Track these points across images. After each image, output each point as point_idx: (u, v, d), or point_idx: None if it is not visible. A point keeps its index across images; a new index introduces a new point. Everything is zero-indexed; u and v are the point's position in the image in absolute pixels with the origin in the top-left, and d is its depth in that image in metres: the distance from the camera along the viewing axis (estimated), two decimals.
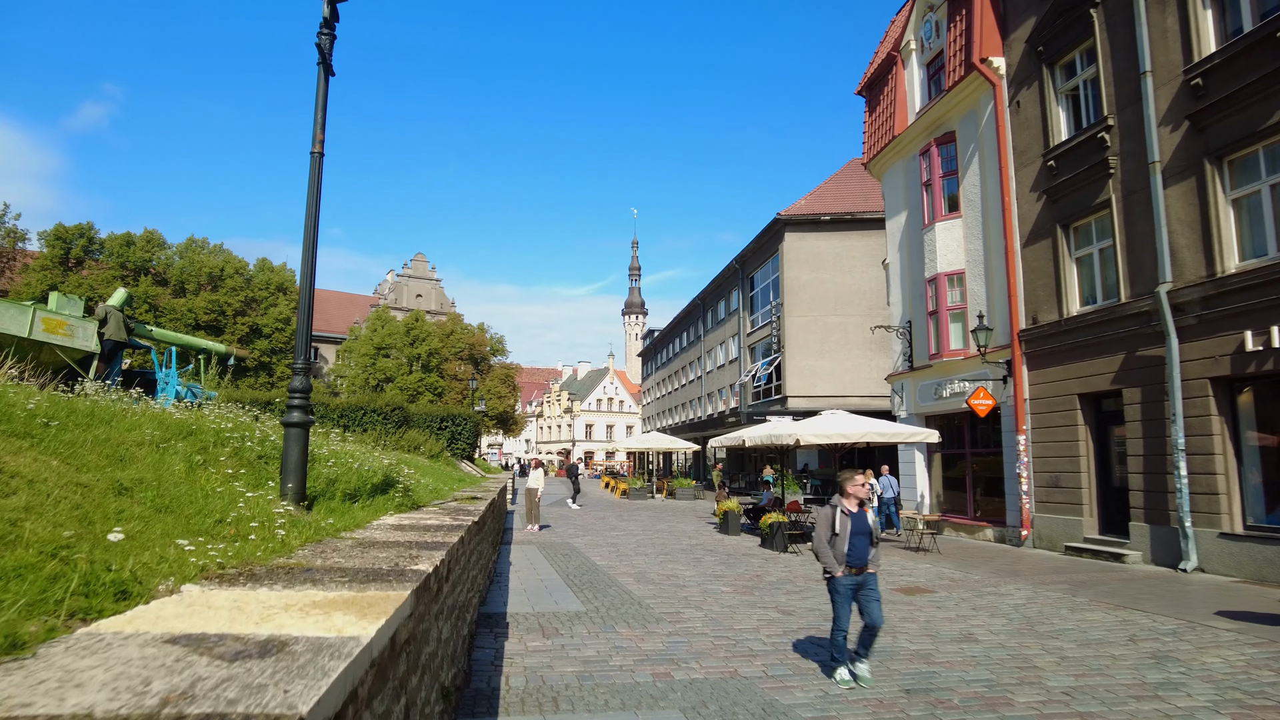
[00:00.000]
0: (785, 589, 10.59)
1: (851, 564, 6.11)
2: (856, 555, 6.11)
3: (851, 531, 6.10)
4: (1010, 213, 16.82)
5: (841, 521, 6.12)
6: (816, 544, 6.21)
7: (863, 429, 15.16)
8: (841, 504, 6.19)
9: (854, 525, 6.13)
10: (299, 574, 2.76)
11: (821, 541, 6.17)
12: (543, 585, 10.45)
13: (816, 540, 6.22)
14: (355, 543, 3.91)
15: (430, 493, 8.82)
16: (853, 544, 6.08)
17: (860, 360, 34.13)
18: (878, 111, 23.33)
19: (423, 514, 6.11)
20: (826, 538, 6.16)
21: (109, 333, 13.02)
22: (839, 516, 6.14)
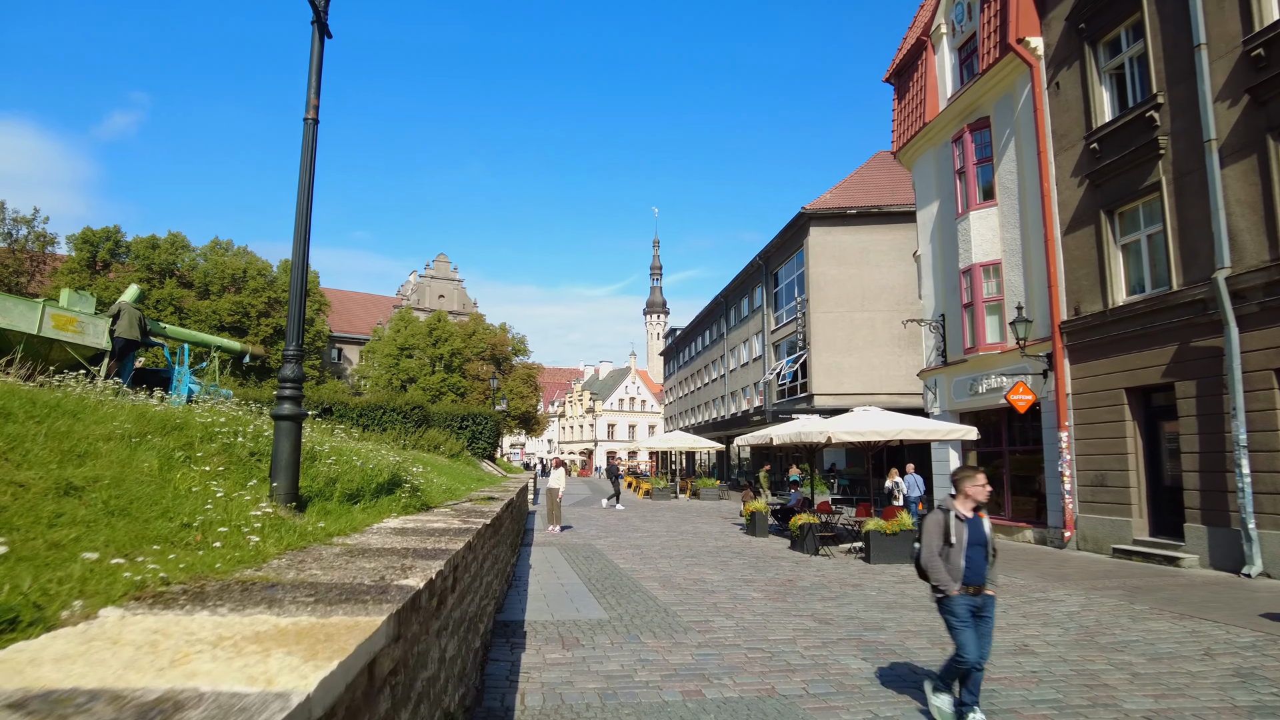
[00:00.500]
0: (820, 595, 10.00)
1: (969, 582, 5.05)
2: (974, 571, 5.06)
3: (968, 542, 5.07)
4: (1050, 199, 16.05)
5: (957, 529, 5.07)
6: (925, 557, 5.15)
7: (897, 426, 14.50)
8: (955, 508, 5.15)
9: (970, 535, 5.09)
10: (258, 592, 2.27)
11: (932, 554, 5.12)
12: (563, 590, 9.95)
13: (925, 552, 5.16)
14: (344, 550, 3.42)
15: (444, 493, 8.36)
16: (969, 557, 5.06)
17: (888, 357, 33.33)
18: (907, 99, 22.58)
19: (431, 516, 5.63)
20: (937, 549, 5.12)
21: (120, 330, 12.70)
22: (953, 523, 5.08)
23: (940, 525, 5.14)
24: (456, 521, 5.23)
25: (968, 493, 5.16)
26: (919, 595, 10.10)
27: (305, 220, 4.72)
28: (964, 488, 5.17)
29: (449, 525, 4.93)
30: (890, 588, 10.72)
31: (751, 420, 39.14)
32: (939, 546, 5.12)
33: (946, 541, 5.08)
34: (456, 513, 6.21)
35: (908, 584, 11.08)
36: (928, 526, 5.21)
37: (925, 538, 5.20)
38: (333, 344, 67.20)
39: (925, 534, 5.21)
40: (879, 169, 39.13)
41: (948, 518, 5.13)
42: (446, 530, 4.65)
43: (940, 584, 5.08)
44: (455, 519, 5.43)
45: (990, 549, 5.17)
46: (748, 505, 18.22)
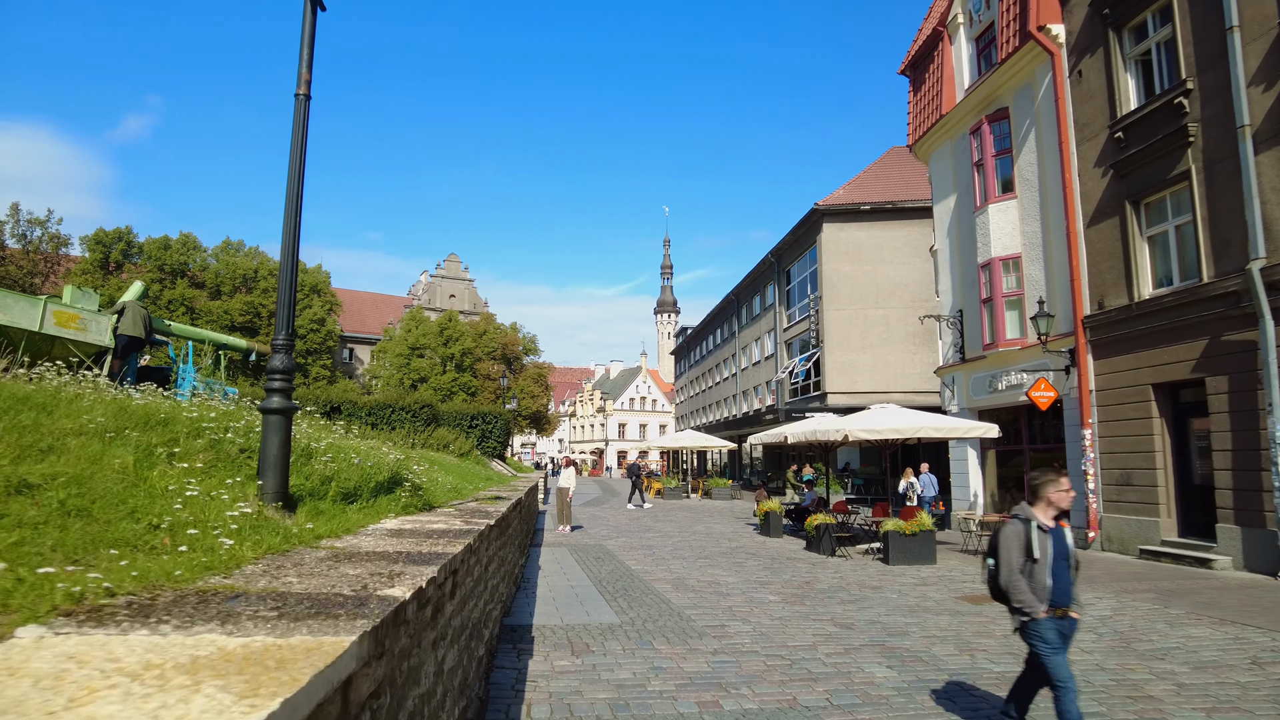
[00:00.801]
0: (839, 598, 9.65)
1: (1056, 602, 4.35)
2: (1062, 590, 4.37)
3: (1053, 556, 4.39)
4: (1072, 191, 15.61)
5: (1040, 542, 4.38)
6: (1006, 576, 4.41)
7: (916, 423, 14.11)
8: (1036, 517, 4.44)
9: (1054, 547, 4.41)
10: (215, 604, 1.97)
11: (1014, 572, 4.39)
12: (573, 592, 9.65)
13: (1005, 570, 4.43)
14: (330, 554, 3.12)
15: (449, 492, 8.07)
16: (1056, 574, 4.36)
17: (903, 354, 32.88)
18: (923, 91, 22.15)
19: (432, 516, 5.34)
20: (1019, 565, 4.40)
21: (123, 327, 12.47)
22: (1035, 535, 4.38)
23: (1021, 538, 4.43)
24: (459, 522, 4.93)
25: (1050, 499, 4.48)
26: (941, 598, 9.75)
27: (296, 200, 4.44)
28: (1046, 493, 4.50)
29: (450, 526, 4.63)
30: (911, 590, 10.35)
31: (764, 419, 38.75)
32: (1020, 563, 4.40)
33: (1029, 557, 4.38)
34: (460, 513, 5.92)
35: (929, 586, 10.72)
36: (1006, 540, 4.48)
37: (1003, 553, 4.46)
38: (344, 344, 67.23)
39: (1003, 548, 4.47)
40: (893, 164, 38.64)
41: (1029, 529, 4.42)
42: (447, 532, 4.35)
43: (1025, 606, 4.34)
44: (458, 520, 5.14)
45: (1074, 562, 4.52)
46: (761, 505, 17.86)
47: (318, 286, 56.36)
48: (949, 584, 10.98)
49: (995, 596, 4.58)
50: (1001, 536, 4.52)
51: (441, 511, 5.94)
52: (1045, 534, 4.41)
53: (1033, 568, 4.36)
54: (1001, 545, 4.50)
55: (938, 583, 11.10)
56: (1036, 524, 4.42)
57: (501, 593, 7.31)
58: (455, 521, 4.97)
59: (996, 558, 4.53)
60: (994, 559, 4.55)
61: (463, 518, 5.37)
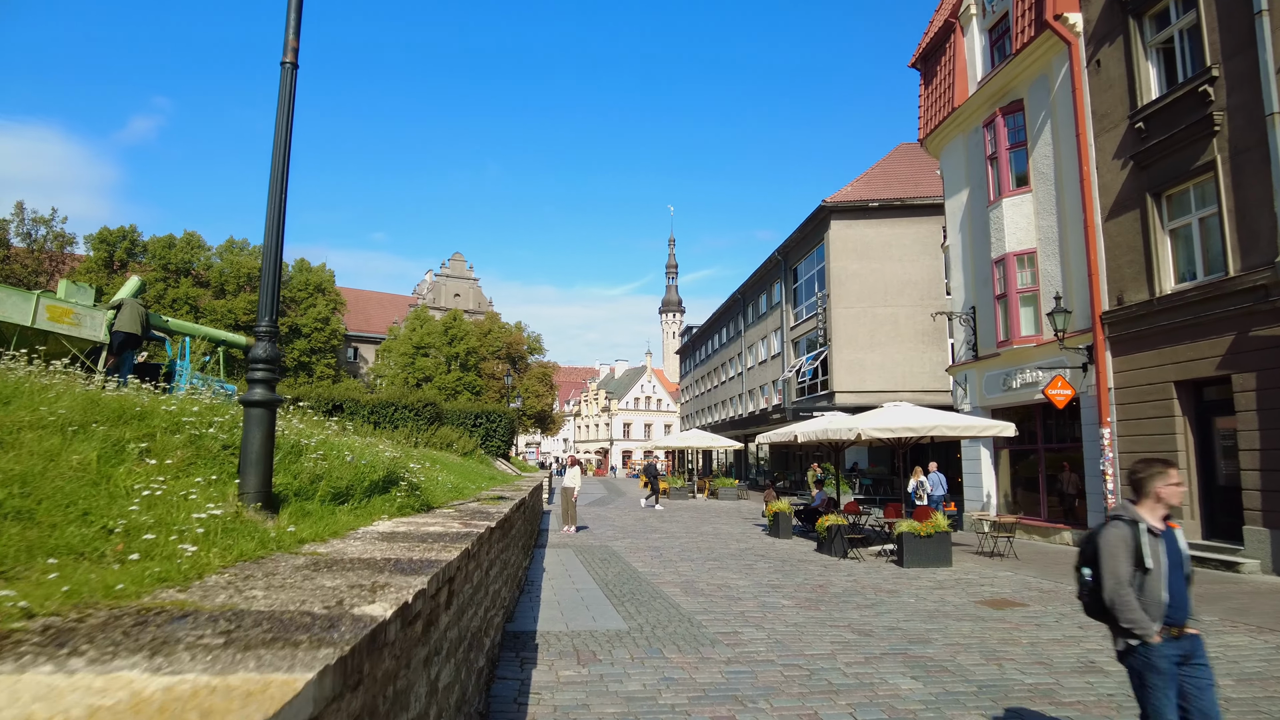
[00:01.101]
0: (854, 602, 9.29)
1: (1173, 620, 3.62)
2: (1179, 605, 3.65)
3: (1167, 565, 3.66)
4: (1090, 183, 15.22)
5: (1152, 547, 3.64)
6: (1112, 589, 3.63)
7: (930, 421, 13.74)
8: (1144, 519, 3.70)
9: (1168, 555, 3.68)
10: (152, 629, 1.64)
11: (1121, 584, 3.62)
12: (579, 596, 9.31)
13: (1111, 583, 3.64)
14: (310, 562, 2.79)
15: (449, 492, 7.74)
16: (1172, 586, 3.64)
17: (912, 353, 32.48)
18: (934, 84, 21.75)
19: (429, 518, 5.01)
20: (1128, 577, 3.63)
21: (120, 324, 12.13)
22: (1146, 539, 3.65)
23: (1129, 544, 3.65)
24: (457, 525, 4.60)
25: (1160, 495, 3.72)
26: (961, 603, 9.39)
27: (282, 176, 4.11)
28: (1154, 488, 3.72)
29: (447, 529, 4.29)
30: (929, 594, 9.99)
31: (771, 418, 38.35)
32: (1129, 574, 3.63)
33: (1139, 566, 3.63)
34: (460, 514, 5.59)
35: (946, 590, 10.35)
36: (1109, 546, 3.69)
37: (1107, 561, 3.68)
38: (349, 343, 67.06)
39: (1106, 557, 3.69)
40: (901, 161, 38.22)
41: (1137, 532, 3.65)
42: (443, 535, 4.02)
43: (1136, 626, 3.56)
44: (456, 521, 4.80)
45: (1188, 570, 3.78)
46: (770, 506, 17.51)
47: (322, 285, 56.19)
48: (967, 588, 10.62)
49: (1093, 613, 3.87)
50: (1103, 542, 3.74)
51: (440, 512, 5.61)
52: (1156, 538, 3.67)
53: (1144, 579, 3.63)
54: (1104, 553, 3.71)
55: (955, 586, 10.74)
56: (1146, 526, 3.68)
57: (504, 597, 6.98)
58: (453, 524, 4.64)
59: (1096, 568, 3.76)
60: (1091, 569, 3.80)
61: (462, 519, 5.04)
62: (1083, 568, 3.88)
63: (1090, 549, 3.84)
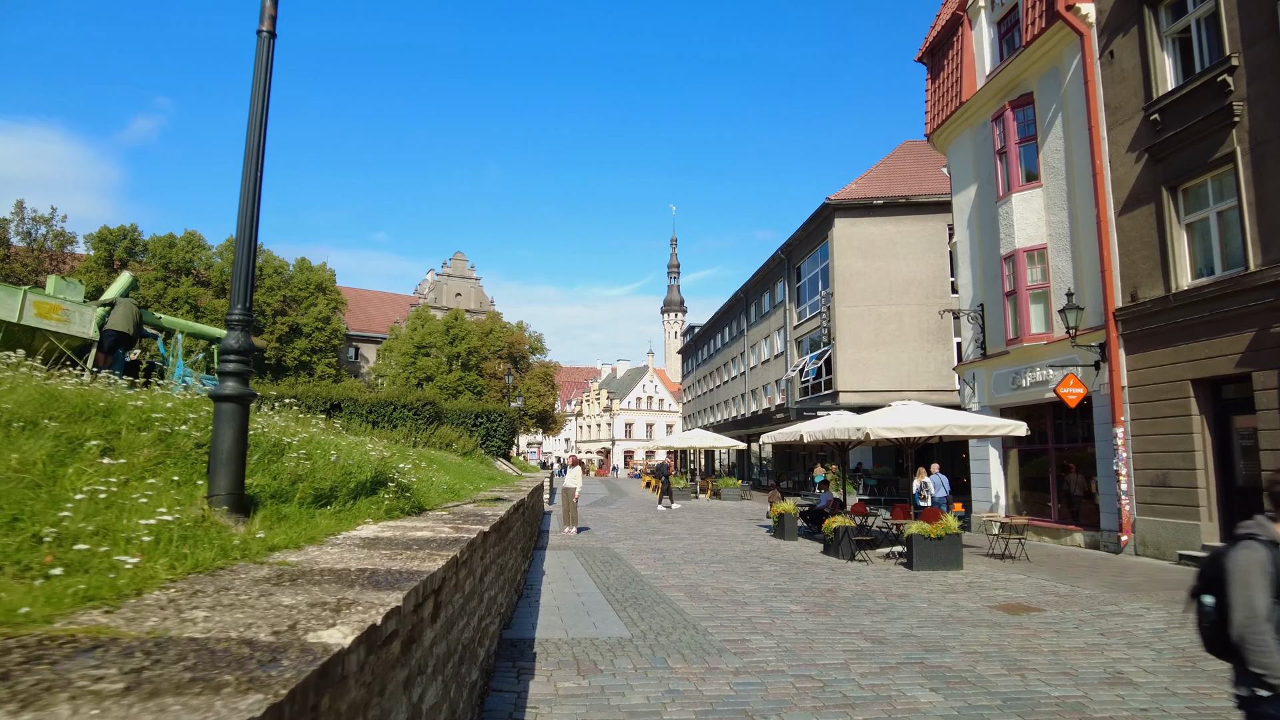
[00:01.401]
0: (865, 607, 8.96)
1: None
2: None
3: None
4: (1102, 177, 14.87)
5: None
6: (1244, 623, 2.97)
7: (941, 421, 13.40)
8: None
9: None
10: (46, 665, 1.33)
11: (1257, 619, 2.95)
12: (579, 601, 8.99)
13: (1243, 616, 2.98)
14: (274, 573, 2.48)
15: (445, 493, 7.42)
16: None
17: (917, 352, 32.13)
18: (941, 78, 21.41)
19: (419, 521, 4.69)
20: (1265, 611, 2.96)
21: (112, 322, 11.81)
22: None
23: (1266, 569, 2.99)
24: (447, 529, 4.28)
25: None
26: (975, 608, 9.06)
27: (258, 152, 3.79)
28: None
29: (436, 534, 3.98)
30: (941, 599, 9.66)
31: (774, 418, 38.01)
32: (1268, 607, 2.95)
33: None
34: (453, 517, 5.27)
35: (959, 594, 10.03)
36: (1242, 571, 3.03)
37: (1239, 590, 3.01)
38: (350, 342, 66.83)
39: (1238, 584, 3.02)
40: (906, 158, 37.87)
41: (1277, 556, 3.03)
42: (431, 540, 3.71)
43: (1272, 672, 2.89)
44: (447, 526, 4.49)
45: None
46: (775, 507, 17.18)
47: (323, 284, 55.93)
48: (980, 591, 10.29)
49: (1213, 649, 3.21)
50: (1233, 566, 3.06)
51: (432, 515, 5.30)
52: None
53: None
54: (1235, 579, 3.03)
55: (967, 590, 10.41)
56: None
57: (500, 604, 6.67)
58: (444, 528, 4.32)
59: (1221, 595, 3.10)
60: (1215, 597, 3.15)
61: (454, 523, 4.72)
62: (1203, 594, 3.25)
63: (1214, 572, 3.20)
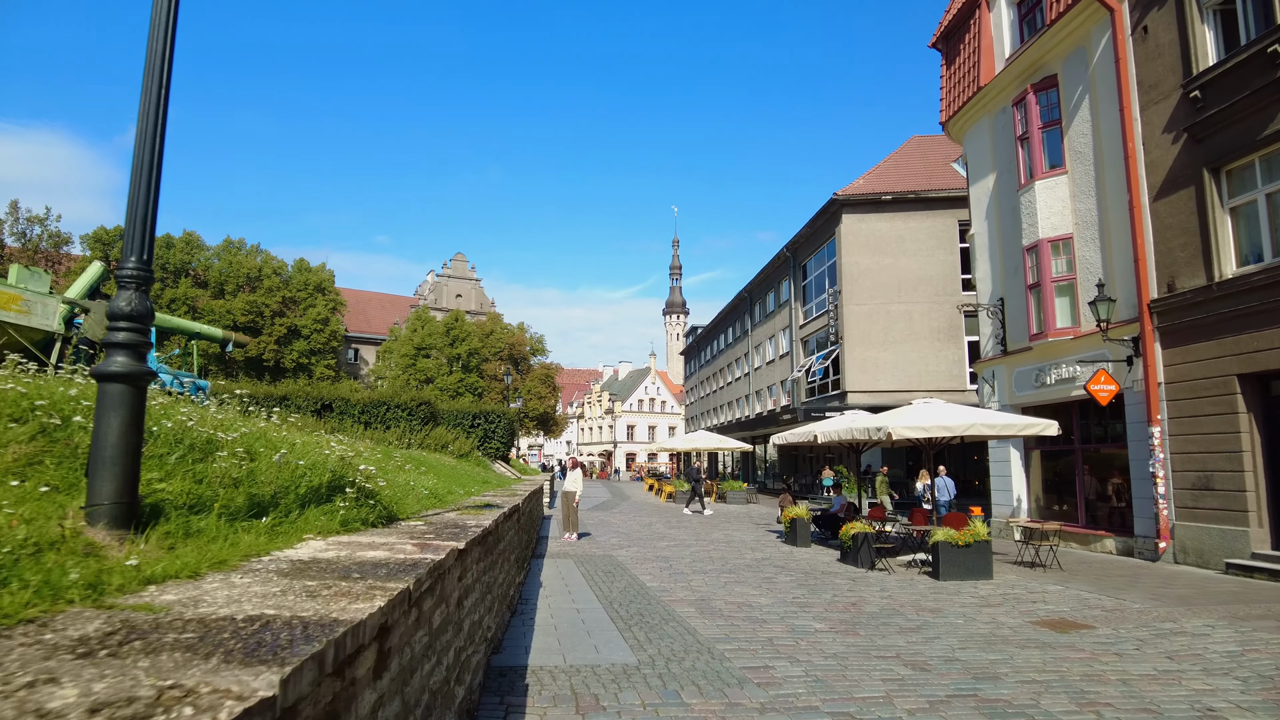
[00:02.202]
0: (896, 625, 8.08)
1: None
2: None
3: None
4: (1135, 161, 14.00)
5: None
6: None
7: (967, 420, 12.52)
8: None
9: None
10: None
11: None
12: (579, 619, 8.11)
13: None
14: (113, 627, 1.61)
15: (426, 499, 6.55)
16: None
17: (927, 351, 31.24)
18: (957, 64, 20.56)
19: (381, 535, 3.83)
20: None
21: (86, 330, 10.83)
22: None
23: None
24: (410, 546, 3.42)
25: None
26: (1016, 624, 8.18)
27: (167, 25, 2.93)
28: None
29: (393, 555, 3.11)
30: (976, 614, 8.78)
31: (781, 420, 37.12)
32: None
33: None
34: (429, 528, 4.41)
35: (995, 607, 9.15)
36: None
37: None
38: (349, 344, 65.97)
39: None
40: (914, 154, 37.02)
41: None
42: (383, 564, 2.84)
43: None
44: (411, 541, 3.61)
45: None
46: (787, 511, 16.28)
47: (322, 285, 55.02)
48: (1017, 605, 9.40)
49: None
50: None
51: (403, 527, 4.44)
52: None
53: None
54: None
55: (1003, 603, 9.53)
56: None
57: (488, 626, 5.80)
58: (407, 545, 3.45)
59: None
60: None
61: (425, 537, 3.85)
62: None
63: None
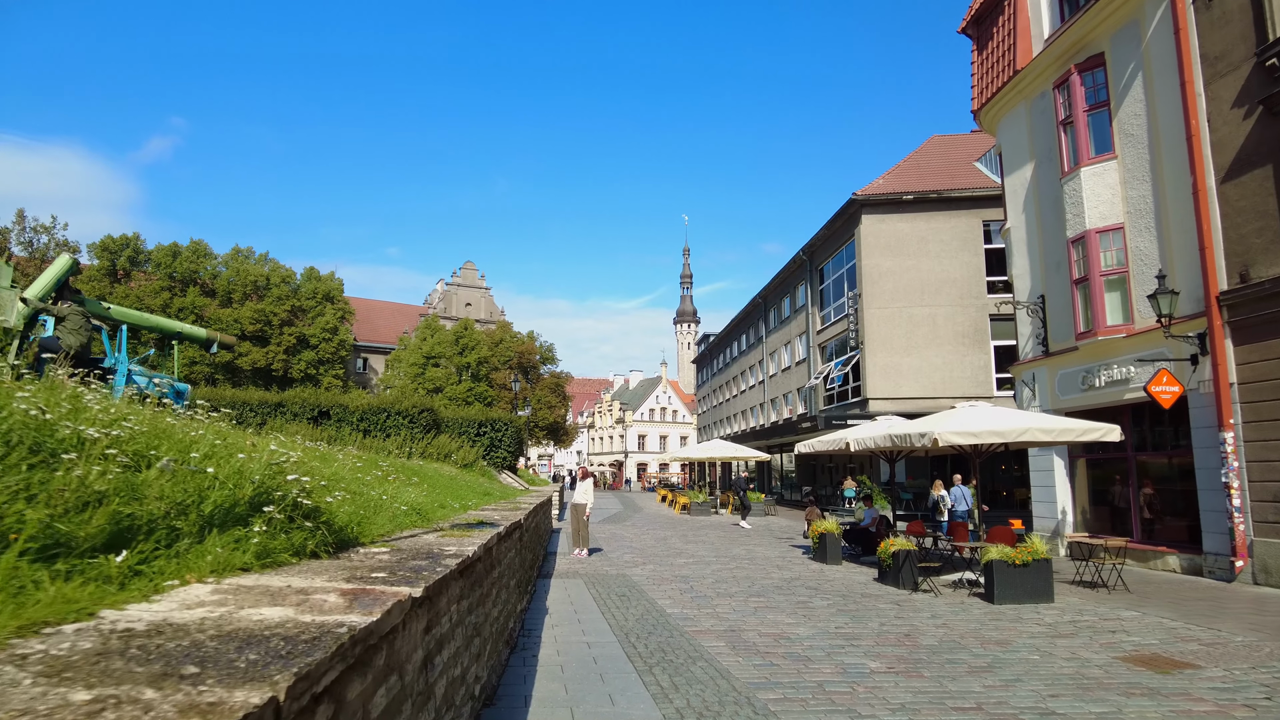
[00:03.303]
0: (964, 662, 6.85)
1: None
2: None
3: None
4: (1199, 140, 12.77)
5: None
6: None
7: (1021, 424, 11.28)
8: None
9: None
10: None
11: None
12: (590, 656, 6.93)
13: None
14: None
15: (402, 517, 5.39)
16: None
17: (951, 356, 29.91)
18: (990, 48, 19.39)
19: (304, 576, 2.68)
20: None
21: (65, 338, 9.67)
22: None
23: None
24: (337, 596, 2.26)
25: None
26: (1104, 661, 6.95)
27: None
28: None
29: (296, 616, 1.95)
30: (1051, 647, 7.54)
31: (800, 428, 35.80)
32: None
33: None
34: (390, 560, 3.26)
35: (1069, 638, 7.90)
36: None
37: None
38: (358, 353, 65.15)
39: None
40: (933, 154, 35.84)
41: None
42: (270, 635, 1.69)
43: None
44: (346, 586, 2.45)
45: None
46: (815, 525, 15.03)
47: (330, 294, 54.24)
48: (1094, 635, 8.16)
49: None
50: None
51: (356, 558, 3.28)
52: None
53: None
54: None
55: (1076, 633, 8.28)
56: None
57: (476, 678, 4.63)
58: (331, 595, 2.30)
59: None
60: None
61: (364, 579, 2.69)
62: None
63: None
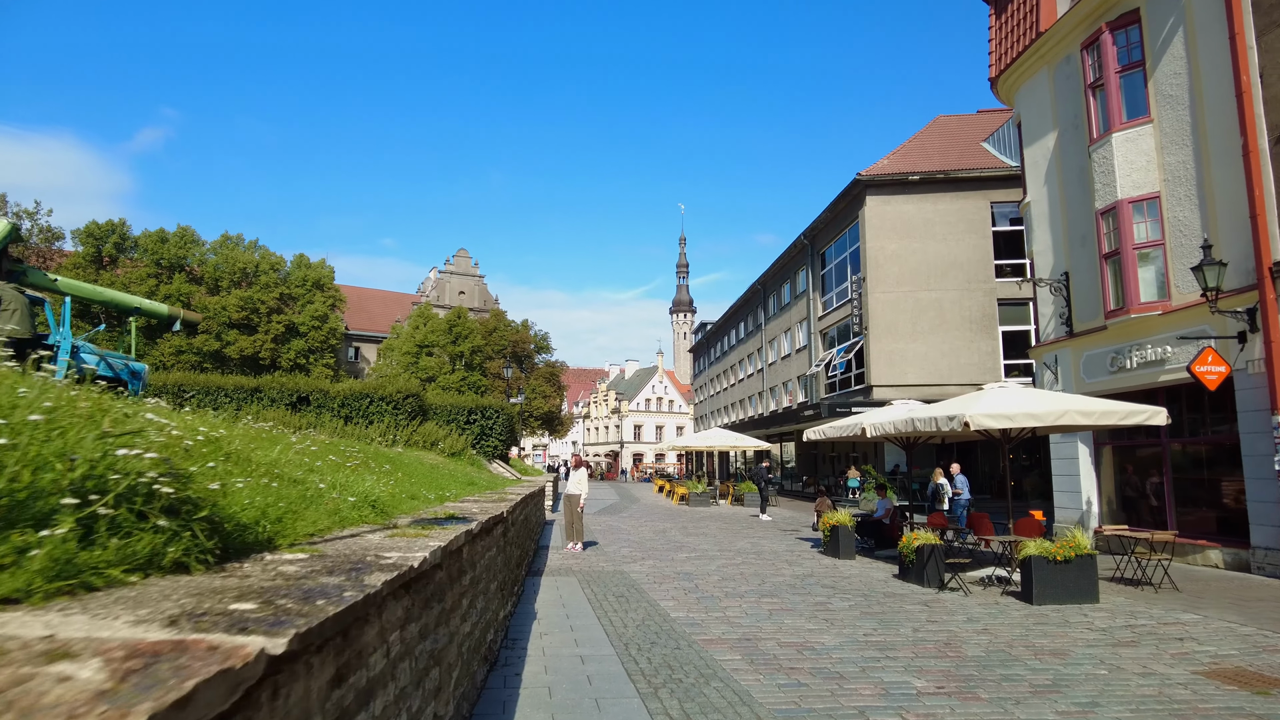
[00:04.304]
0: (1022, 679, 5.83)
1: None
2: None
3: None
4: (1250, 97, 11.71)
5: None
6: None
7: (1059, 406, 10.24)
8: None
9: None
10: None
11: None
12: (583, 674, 5.88)
13: None
14: None
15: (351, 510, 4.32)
16: None
17: (958, 342, 28.93)
18: (1010, 11, 18.28)
19: (75, 614, 1.63)
20: None
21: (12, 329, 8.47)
22: None
23: None
24: (91, 673, 1.22)
25: None
26: (1185, 678, 5.94)
27: None
28: None
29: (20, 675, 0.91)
30: (1114, 658, 6.53)
31: (803, 416, 34.78)
32: None
33: None
34: (296, 574, 2.21)
35: (1131, 647, 6.89)
36: None
37: None
38: (349, 342, 63.94)
39: None
40: (938, 135, 34.71)
41: None
42: None
43: None
44: (150, 635, 1.38)
45: None
46: (826, 517, 14.01)
47: (320, 281, 52.96)
48: (1158, 643, 7.16)
49: None
50: None
51: (253, 566, 2.23)
52: None
53: None
54: None
55: (1138, 640, 7.28)
56: None
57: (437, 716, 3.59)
58: (84, 670, 1.24)
59: None
60: None
61: (192, 627, 1.65)
62: None
63: None
